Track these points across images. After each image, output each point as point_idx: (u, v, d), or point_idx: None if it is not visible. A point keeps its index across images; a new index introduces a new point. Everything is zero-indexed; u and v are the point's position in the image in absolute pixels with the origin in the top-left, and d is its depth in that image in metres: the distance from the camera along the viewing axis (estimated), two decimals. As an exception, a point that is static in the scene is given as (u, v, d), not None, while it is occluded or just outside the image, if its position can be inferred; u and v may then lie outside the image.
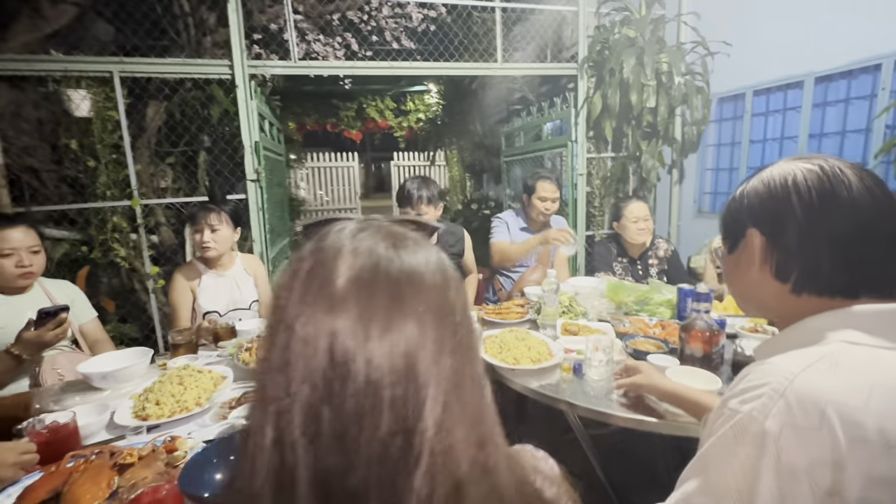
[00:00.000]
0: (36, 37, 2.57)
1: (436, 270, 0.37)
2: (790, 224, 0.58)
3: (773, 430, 0.48)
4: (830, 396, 0.47)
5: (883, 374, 0.49)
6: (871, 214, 0.54)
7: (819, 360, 0.51)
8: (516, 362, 1.26)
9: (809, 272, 0.57)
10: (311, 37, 3.40)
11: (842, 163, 0.57)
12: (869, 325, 0.53)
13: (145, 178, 2.99)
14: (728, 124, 3.41)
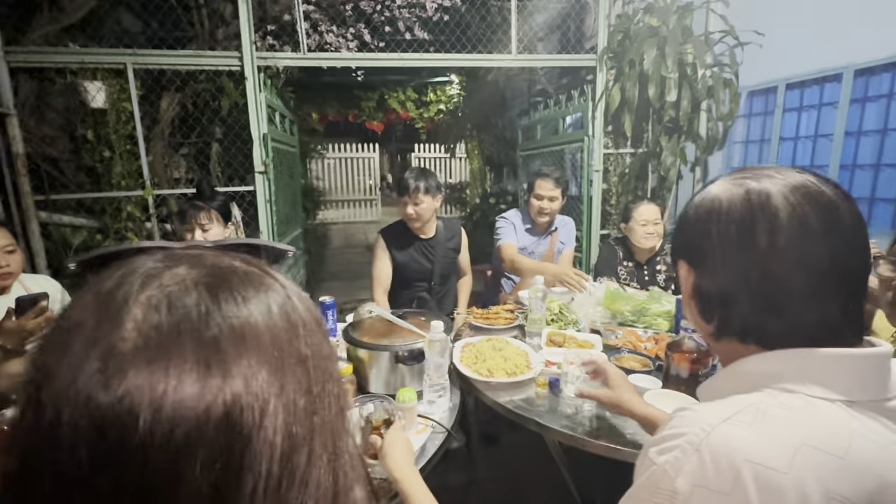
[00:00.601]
0: (55, 29, 2.64)
1: (277, 316, 0.30)
2: (709, 259, 0.50)
3: (683, 489, 0.42)
4: (748, 455, 0.40)
5: (815, 429, 0.42)
6: (797, 251, 0.46)
7: (742, 411, 0.44)
8: (490, 374, 1.21)
9: (728, 315, 0.50)
10: (324, 28, 3.37)
11: (785, 182, 0.47)
12: (809, 371, 0.45)
13: (159, 169, 3.06)
14: (758, 120, 3.20)
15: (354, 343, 1.15)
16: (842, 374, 0.45)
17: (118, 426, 0.24)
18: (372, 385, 1.14)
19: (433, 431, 1.02)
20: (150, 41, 2.94)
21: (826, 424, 0.42)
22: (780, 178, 0.48)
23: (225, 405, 0.25)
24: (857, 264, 0.47)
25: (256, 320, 0.29)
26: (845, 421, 0.43)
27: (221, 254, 0.32)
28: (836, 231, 0.46)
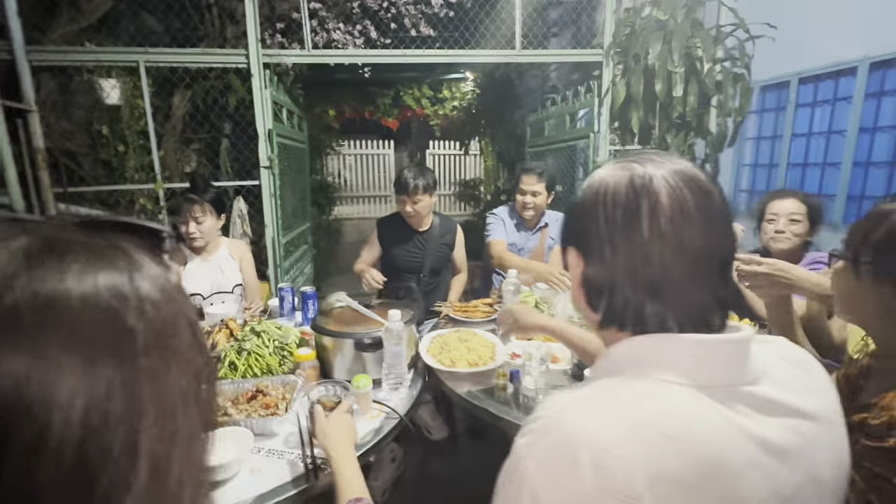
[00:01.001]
0: (73, 29, 2.77)
1: (99, 295, 0.28)
2: (597, 245, 0.50)
3: (529, 470, 0.43)
4: (589, 438, 0.41)
5: (657, 413, 0.42)
6: (678, 235, 0.45)
7: (592, 395, 0.45)
8: (453, 364, 1.22)
9: (613, 303, 0.50)
10: (332, 25, 3.43)
11: (666, 167, 0.47)
12: (664, 357, 0.46)
13: (171, 163, 3.18)
14: (770, 115, 3.09)
15: (319, 331, 1.18)
16: (694, 360, 0.45)
17: None
18: (336, 372, 1.18)
19: (387, 417, 1.04)
20: (164, 40, 3.06)
21: (669, 408, 0.43)
22: (662, 162, 0.49)
23: (12, 376, 0.24)
24: (726, 249, 0.48)
25: (70, 292, 0.27)
26: (689, 404, 0.43)
27: (72, 227, 0.31)
28: (709, 215, 0.46)
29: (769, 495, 0.43)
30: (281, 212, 3.10)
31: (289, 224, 3.47)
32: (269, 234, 3.09)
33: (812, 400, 0.48)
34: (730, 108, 3.01)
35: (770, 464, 0.43)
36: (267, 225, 3.08)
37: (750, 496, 0.42)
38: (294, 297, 1.75)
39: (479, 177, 8.82)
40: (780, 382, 0.47)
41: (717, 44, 3.00)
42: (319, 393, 0.96)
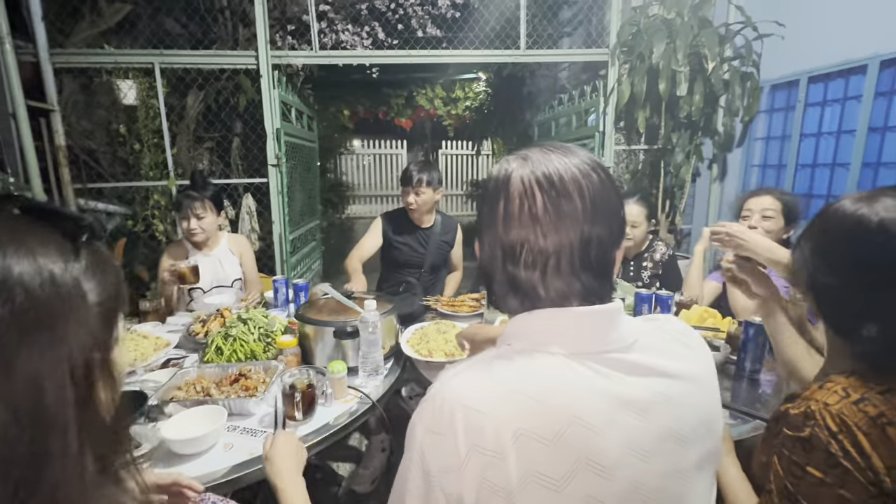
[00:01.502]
0: (94, 32, 2.91)
1: None
2: (479, 232, 0.56)
3: (419, 434, 0.49)
4: (463, 401, 0.47)
5: (525, 378, 0.48)
6: (524, 232, 0.51)
7: (474, 366, 0.51)
8: (430, 354, 1.26)
9: (489, 286, 0.56)
10: (340, 27, 3.50)
11: (534, 167, 0.51)
12: (535, 329, 0.51)
13: (184, 161, 3.30)
14: (780, 115, 3.03)
15: (302, 319, 1.23)
16: (565, 330, 0.50)
17: None
18: (317, 359, 1.22)
19: (360, 401, 1.08)
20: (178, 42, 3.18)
21: (536, 373, 0.48)
22: (537, 160, 0.52)
23: None
24: (586, 241, 0.51)
25: None
26: (557, 370, 0.48)
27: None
28: (560, 216, 0.50)
29: (628, 449, 0.47)
30: (288, 209, 3.19)
31: (297, 221, 3.56)
32: (276, 231, 3.18)
33: (681, 363, 0.53)
34: (737, 107, 2.97)
35: (629, 420, 0.48)
36: (274, 221, 3.17)
37: (609, 449, 0.46)
38: (287, 289, 1.82)
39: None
40: (652, 349, 0.52)
41: (725, 43, 2.97)
42: (293, 376, 1.01)
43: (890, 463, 0.51)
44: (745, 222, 1.62)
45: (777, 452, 0.59)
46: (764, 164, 3.16)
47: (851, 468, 0.52)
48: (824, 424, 0.55)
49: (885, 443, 0.52)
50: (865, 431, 0.53)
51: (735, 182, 3.31)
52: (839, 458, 0.53)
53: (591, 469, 0.46)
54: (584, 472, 0.46)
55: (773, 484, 0.59)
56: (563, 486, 0.45)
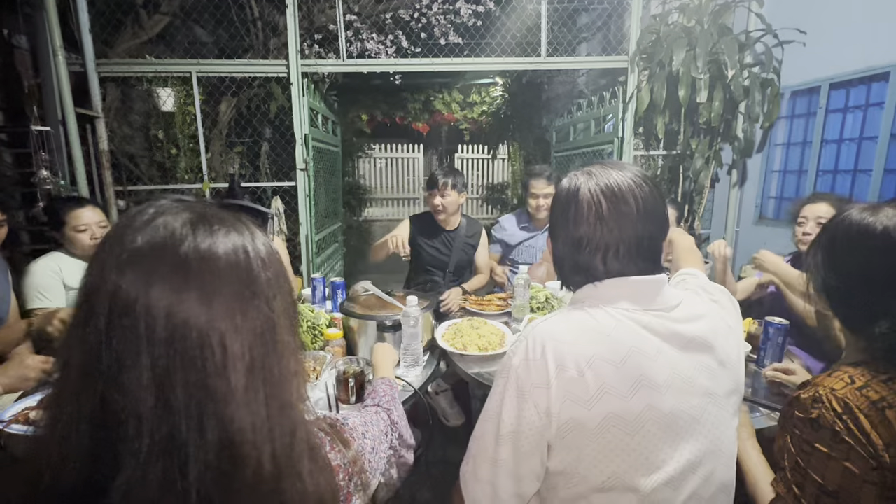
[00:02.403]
0: (135, 43, 3.07)
1: (235, 252, 0.41)
2: (553, 232, 0.77)
3: (515, 363, 0.67)
4: (552, 336, 0.66)
5: (595, 323, 0.67)
6: (591, 229, 0.69)
7: (555, 315, 0.71)
8: (464, 348, 1.34)
9: (565, 270, 0.76)
10: (365, 35, 3.62)
11: (598, 181, 0.69)
12: (598, 294, 0.70)
13: (216, 165, 3.45)
14: (801, 121, 3.05)
15: (346, 313, 1.33)
16: (620, 292, 0.69)
17: (120, 304, 0.37)
18: (360, 350, 1.32)
19: (402, 390, 1.17)
20: (213, 52, 3.34)
21: (602, 319, 0.68)
22: (599, 175, 0.71)
23: (183, 308, 0.37)
24: (640, 234, 0.69)
25: (218, 249, 0.40)
26: (616, 317, 0.68)
27: (214, 205, 0.45)
28: (621, 216, 0.68)
29: (673, 373, 0.66)
30: (314, 211, 3.31)
31: (321, 223, 3.68)
32: (303, 232, 3.30)
33: (711, 317, 0.72)
34: (757, 113, 3.00)
35: (673, 353, 0.67)
36: (301, 223, 3.29)
37: (660, 371, 0.65)
38: (325, 286, 1.92)
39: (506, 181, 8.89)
40: (690, 305, 0.72)
41: (745, 50, 3.00)
42: (345, 364, 1.10)
43: (888, 440, 0.59)
44: (801, 228, 1.65)
45: (789, 432, 0.67)
46: (784, 170, 3.18)
47: (854, 444, 0.59)
48: (830, 407, 0.62)
49: (884, 423, 0.60)
50: (866, 413, 0.60)
51: (755, 187, 3.33)
52: (843, 435, 0.61)
53: (648, 385, 0.63)
54: (644, 387, 0.63)
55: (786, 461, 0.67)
56: (629, 397, 0.62)
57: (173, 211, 0.41)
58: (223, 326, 0.38)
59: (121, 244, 0.39)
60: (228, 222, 0.43)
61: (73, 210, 1.64)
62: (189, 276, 0.38)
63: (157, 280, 0.37)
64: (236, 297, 0.40)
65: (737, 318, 0.78)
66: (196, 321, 0.38)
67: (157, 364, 0.36)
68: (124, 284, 0.37)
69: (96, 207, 1.75)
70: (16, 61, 2.77)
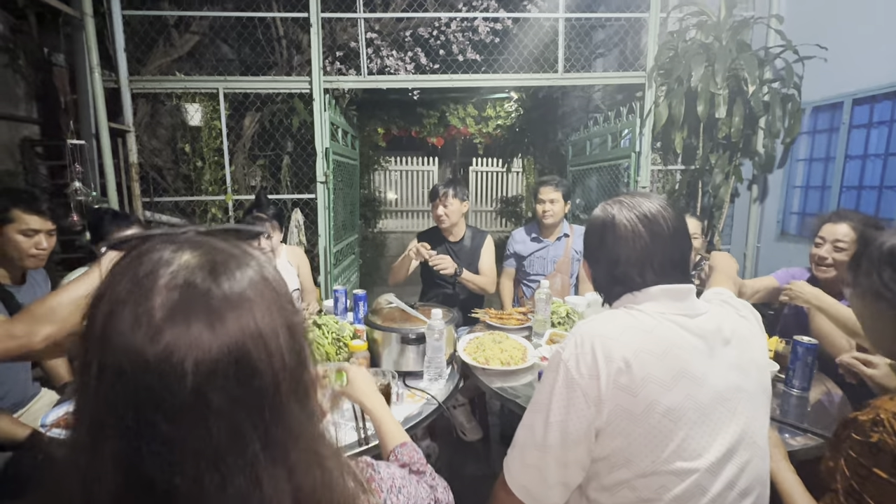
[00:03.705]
0: (166, 61, 3.19)
1: (257, 282, 0.40)
2: (591, 255, 0.87)
3: (565, 356, 0.73)
4: (599, 332, 0.73)
5: (637, 322, 0.75)
6: (628, 249, 0.79)
7: (602, 315, 0.78)
8: (486, 362, 1.34)
9: (606, 289, 0.85)
10: (385, 52, 3.71)
11: (630, 209, 0.80)
12: (641, 299, 0.78)
13: (239, 177, 3.54)
14: (823, 137, 3.02)
15: (371, 325, 1.35)
16: (658, 298, 0.77)
17: (163, 369, 0.34)
18: (384, 362, 1.33)
19: (427, 403, 1.18)
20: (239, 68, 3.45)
21: (643, 318, 0.75)
22: (629, 204, 0.82)
23: (230, 347, 0.36)
24: (673, 254, 0.79)
25: (243, 288, 0.39)
26: (656, 317, 0.75)
27: (211, 238, 0.42)
28: (653, 236, 0.78)
29: (707, 366, 0.73)
30: (333, 223, 3.36)
31: (339, 235, 3.74)
32: (321, 244, 3.35)
33: (738, 326, 0.80)
34: (778, 129, 2.98)
35: (705, 348, 0.74)
36: (320, 235, 3.34)
37: (696, 364, 0.72)
38: (346, 298, 1.94)
39: (520, 194, 8.91)
40: (717, 314, 0.79)
41: (765, 65, 3.00)
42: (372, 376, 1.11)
43: None
44: (817, 250, 1.52)
45: (844, 454, 0.65)
46: (806, 186, 3.14)
47: None
48: (892, 431, 0.61)
49: None
50: None
51: (776, 203, 3.29)
52: None
53: (687, 377, 0.70)
54: (683, 378, 0.70)
55: (839, 484, 0.65)
56: (671, 387, 0.69)
57: (177, 261, 0.38)
58: (273, 345, 0.38)
59: (145, 304, 0.36)
60: (236, 256, 0.41)
61: (119, 231, 1.64)
62: (225, 319, 0.37)
63: (197, 346, 0.35)
64: (278, 312, 0.40)
65: (760, 331, 0.85)
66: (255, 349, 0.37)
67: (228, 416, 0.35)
68: (165, 350, 0.34)
69: (140, 227, 1.75)
70: (54, 78, 2.90)
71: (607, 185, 3.78)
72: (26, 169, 2.86)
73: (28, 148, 2.86)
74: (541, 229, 2.35)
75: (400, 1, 3.60)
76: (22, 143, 2.85)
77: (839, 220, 1.51)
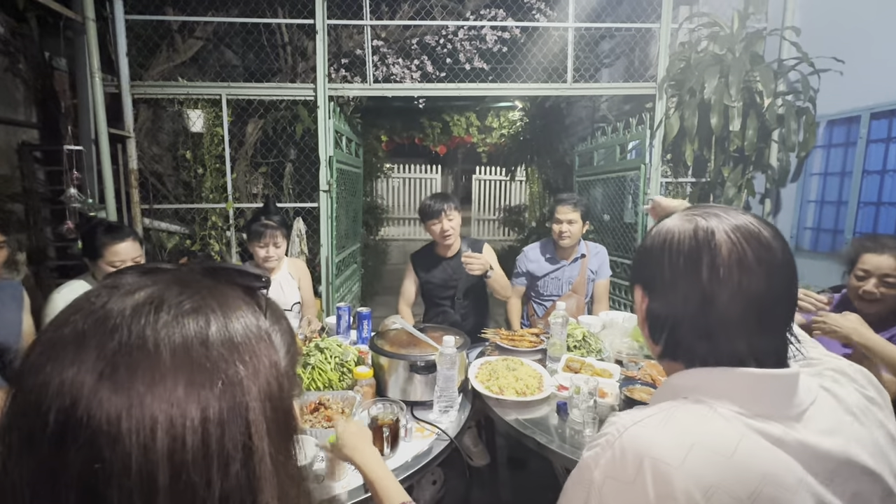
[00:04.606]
0: (169, 66, 3.14)
1: (187, 340, 0.33)
2: (660, 285, 0.56)
3: (598, 479, 0.50)
4: (650, 451, 0.47)
5: (709, 433, 0.48)
6: (735, 283, 0.51)
7: (653, 415, 0.51)
8: (501, 392, 1.26)
9: (671, 337, 0.56)
10: (391, 60, 3.66)
11: (728, 222, 0.53)
12: (718, 386, 0.51)
13: (241, 185, 3.47)
14: (839, 151, 2.95)
15: (377, 351, 1.26)
16: (744, 391, 0.50)
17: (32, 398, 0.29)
18: (389, 390, 1.24)
19: (437, 438, 1.09)
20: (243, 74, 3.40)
21: (720, 430, 0.48)
22: (725, 217, 0.54)
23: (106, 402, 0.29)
24: (783, 300, 0.53)
25: (160, 336, 0.32)
26: (738, 428, 0.48)
27: (197, 273, 0.37)
28: (769, 267, 0.51)
29: None
30: (336, 233, 3.29)
31: (342, 244, 3.66)
32: (323, 253, 3.27)
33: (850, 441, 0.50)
34: (793, 142, 2.91)
35: (815, 483, 0.47)
36: (322, 244, 3.26)
37: None
38: (350, 316, 1.86)
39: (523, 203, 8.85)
40: (821, 419, 0.51)
41: (779, 78, 2.94)
42: (378, 410, 1.03)
43: None
44: (861, 284, 1.38)
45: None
46: (821, 200, 3.07)
47: None
48: None
49: None
50: None
51: (789, 218, 3.21)
52: None
53: None
54: None
55: None
56: None
57: (132, 289, 0.34)
58: (160, 416, 0.30)
59: (53, 327, 0.32)
60: (192, 304, 0.34)
61: (112, 245, 1.54)
62: (117, 367, 0.30)
63: (84, 376, 0.29)
64: (186, 387, 0.31)
65: (883, 435, 0.53)
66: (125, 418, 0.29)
67: None
68: (42, 377, 0.29)
69: (135, 241, 1.63)
70: (55, 82, 2.84)
71: (614, 196, 3.71)
72: (23, 174, 2.79)
73: (26, 152, 2.79)
74: (556, 249, 2.23)
75: (407, 9, 3.55)
76: (20, 147, 2.79)
77: (882, 249, 1.38)
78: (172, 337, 0.32)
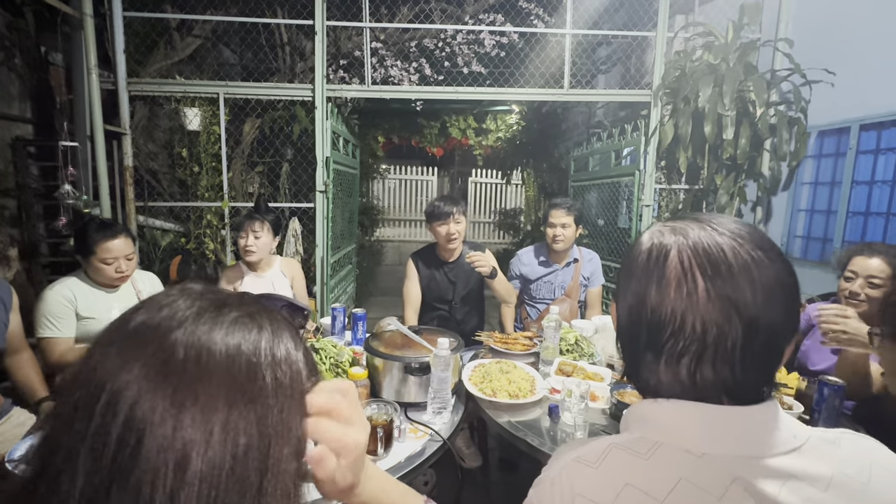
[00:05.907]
0: (167, 64, 3.13)
1: (237, 348, 0.34)
2: (619, 302, 0.52)
3: (533, 500, 0.49)
4: (582, 491, 0.46)
5: (646, 473, 0.45)
6: (672, 311, 0.45)
7: (592, 452, 0.49)
8: (494, 394, 1.27)
9: (628, 363, 0.52)
10: (390, 62, 3.67)
11: (694, 243, 0.46)
12: (668, 421, 0.47)
13: (237, 184, 3.46)
14: (829, 161, 3.00)
15: (372, 352, 1.27)
16: (697, 427, 0.45)
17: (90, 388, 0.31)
18: (384, 392, 1.25)
19: (430, 439, 1.10)
20: (241, 73, 3.39)
21: (658, 469, 0.44)
22: (701, 233, 0.47)
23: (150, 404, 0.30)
24: (752, 332, 0.44)
25: (216, 340, 0.33)
26: (681, 468, 0.44)
27: (250, 297, 0.40)
28: (724, 303, 0.44)
29: None
30: (331, 233, 3.29)
31: (337, 245, 3.66)
32: (318, 254, 3.28)
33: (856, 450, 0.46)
34: (784, 152, 2.96)
35: None
36: (317, 245, 3.27)
37: None
38: (345, 317, 1.87)
39: (519, 206, 8.89)
40: (809, 479, 0.43)
41: (772, 88, 2.99)
42: (372, 411, 1.04)
43: None
44: (848, 285, 1.44)
45: None
46: (811, 209, 3.11)
47: None
48: None
49: None
50: None
51: (780, 226, 3.26)
52: None
53: None
54: None
55: None
56: None
57: (194, 294, 0.36)
58: (194, 436, 0.31)
59: (119, 322, 0.34)
60: (248, 313, 0.36)
61: (104, 242, 1.54)
62: (169, 367, 0.31)
63: (134, 366, 0.31)
64: (225, 403, 0.32)
65: None
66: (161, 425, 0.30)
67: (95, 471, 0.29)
68: (100, 367, 0.31)
69: (128, 238, 1.64)
70: (50, 78, 2.83)
71: (608, 201, 3.75)
72: (17, 169, 2.77)
73: (20, 147, 2.77)
74: (550, 253, 2.25)
75: (406, 11, 3.57)
76: (14, 142, 2.77)
77: (872, 253, 1.43)
78: (226, 339, 0.34)
